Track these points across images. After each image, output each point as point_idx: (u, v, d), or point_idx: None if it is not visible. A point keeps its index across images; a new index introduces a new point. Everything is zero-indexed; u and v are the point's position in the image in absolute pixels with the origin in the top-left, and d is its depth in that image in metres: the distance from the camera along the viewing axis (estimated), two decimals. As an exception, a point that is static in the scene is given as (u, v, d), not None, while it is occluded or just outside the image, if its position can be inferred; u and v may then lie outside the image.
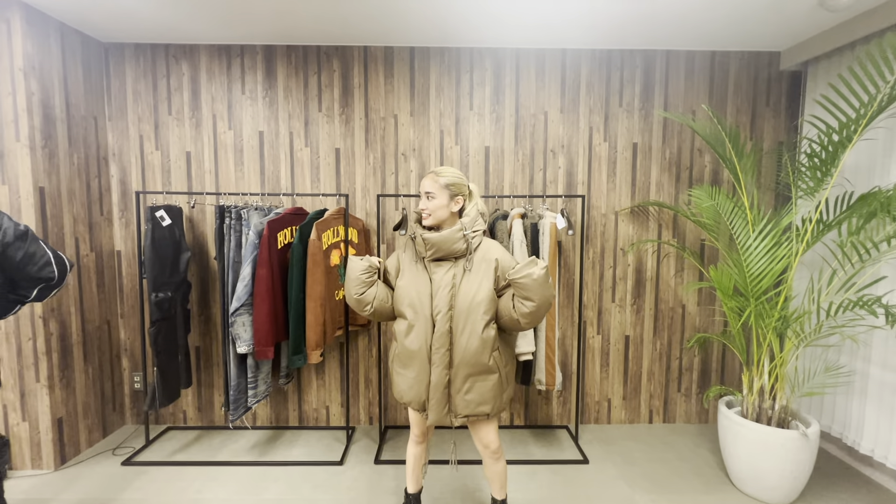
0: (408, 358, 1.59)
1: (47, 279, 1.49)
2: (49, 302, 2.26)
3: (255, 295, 2.25)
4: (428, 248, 1.55)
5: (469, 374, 1.55)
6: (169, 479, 2.26)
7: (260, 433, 2.77)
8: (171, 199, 2.69)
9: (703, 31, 2.46)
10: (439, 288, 1.54)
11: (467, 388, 1.56)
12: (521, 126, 2.73)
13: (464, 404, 1.58)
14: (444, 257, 1.56)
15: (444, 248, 1.54)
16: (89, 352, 2.55)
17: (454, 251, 1.55)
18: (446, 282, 1.54)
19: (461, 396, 1.57)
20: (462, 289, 1.53)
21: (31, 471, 2.31)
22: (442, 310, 1.52)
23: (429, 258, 1.57)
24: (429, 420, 1.61)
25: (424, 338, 1.54)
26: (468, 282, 1.54)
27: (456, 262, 1.57)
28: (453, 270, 1.56)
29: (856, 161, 2.34)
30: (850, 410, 2.34)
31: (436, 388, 1.56)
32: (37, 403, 2.28)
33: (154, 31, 2.50)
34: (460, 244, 1.54)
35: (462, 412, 1.59)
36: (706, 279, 2.78)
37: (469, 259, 1.57)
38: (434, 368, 1.55)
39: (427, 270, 1.58)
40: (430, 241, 1.53)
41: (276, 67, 2.67)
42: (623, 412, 2.92)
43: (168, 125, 2.69)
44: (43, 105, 2.24)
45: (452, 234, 1.53)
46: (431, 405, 1.58)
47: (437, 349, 1.53)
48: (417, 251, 1.61)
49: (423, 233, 1.56)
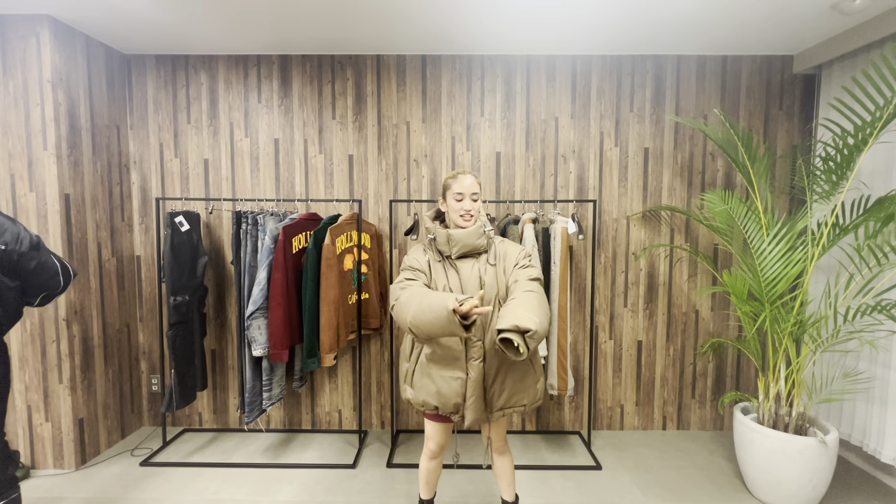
0: (441, 357, 1.55)
1: (53, 288, 1.56)
2: (72, 305, 2.33)
3: (271, 299, 2.30)
4: (453, 245, 1.57)
5: (500, 366, 1.55)
6: (185, 480, 2.30)
7: (273, 436, 2.81)
8: (190, 205, 2.76)
9: (714, 35, 2.46)
10: (468, 282, 1.57)
11: (501, 378, 1.56)
12: (532, 132, 2.75)
13: (498, 396, 1.56)
14: (467, 254, 1.60)
15: (469, 244, 1.57)
16: (109, 354, 2.61)
17: (477, 247, 1.59)
18: (474, 276, 1.57)
19: (497, 388, 1.56)
20: (488, 281, 1.56)
21: (52, 470, 2.37)
22: None
23: (455, 255, 1.59)
24: (466, 421, 1.55)
25: None
26: (493, 274, 1.58)
27: (478, 258, 1.61)
28: (478, 266, 1.59)
29: (872, 164, 2.31)
30: (871, 418, 2.29)
31: (475, 385, 1.52)
32: (59, 404, 2.35)
33: (174, 43, 2.58)
34: (482, 240, 1.60)
35: (498, 405, 1.57)
36: (720, 284, 2.75)
37: (489, 253, 1.62)
38: (471, 363, 1.52)
39: (453, 267, 1.60)
40: (457, 237, 1.57)
41: (291, 76, 2.73)
42: (636, 418, 2.89)
43: (187, 133, 2.77)
44: (69, 115, 2.33)
45: (477, 230, 1.58)
46: (470, 404, 1.53)
47: (473, 343, 1.52)
48: (440, 250, 1.62)
49: (449, 231, 1.58)
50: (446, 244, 1.58)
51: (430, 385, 1.57)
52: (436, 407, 1.58)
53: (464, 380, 1.53)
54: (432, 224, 1.64)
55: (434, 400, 1.57)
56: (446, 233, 1.58)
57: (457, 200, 1.59)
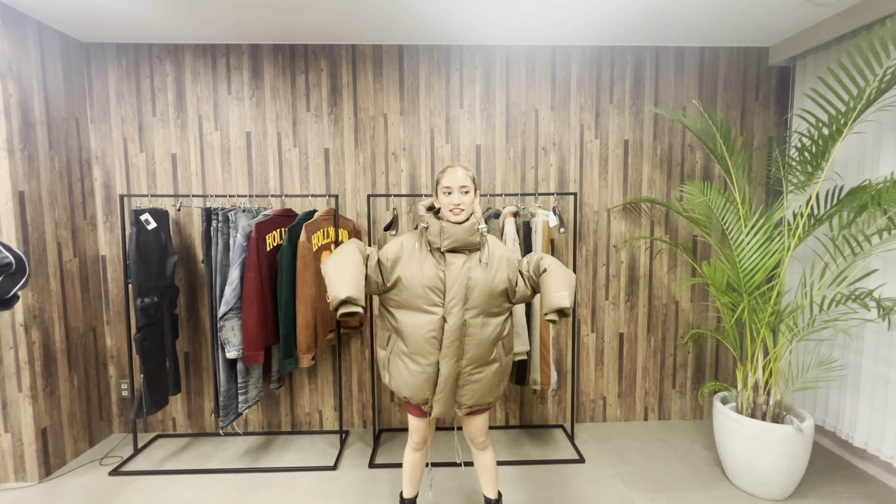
0: (417, 350, 1.54)
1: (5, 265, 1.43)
2: (30, 309, 2.20)
3: (244, 298, 2.21)
4: (445, 238, 1.51)
5: (476, 366, 1.56)
6: (158, 489, 2.21)
7: (252, 439, 2.73)
8: (157, 202, 2.63)
9: (692, 26, 2.45)
10: (455, 280, 1.50)
11: (475, 378, 1.56)
12: (512, 124, 2.71)
13: (469, 395, 1.58)
14: (458, 249, 1.54)
15: (461, 240, 1.51)
16: (74, 360, 2.48)
17: (470, 243, 1.53)
18: (462, 273, 1.51)
19: (468, 388, 1.57)
20: (479, 282, 1.51)
21: (14, 483, 2.25)
22: (458, 302, 1.50)
23: (444, 248, 1.53)
24: (433, 413, 1.59)
25: (436, 330, 1.51)
26: (484, 275, 1.52)
27: (470, 255, 1.55)
28: (468, 263, 1.53)
29: (846, 155, 2.35)
30: (844, 404, 2.35)
31: (446, 381, 1.54)
32: (20, 414, 2.22)
33: (136, 31, 2.44)
34: (476, 237, 1.54)
35: (467, 403, 1.59)
36: (699, 275, 2.78)
37: (482, 252, 1.56)
38: (444, 360, 1.52)
39: (440, 261, 1.54)
40: (449, 231, 1.51)
41: (262, 67, 2.62)
42: (618, 410, 2.91)
43: (153, 127, 2.63)
44: (21, 107, 2.18)
45: (472, 226, 1.52)
46: (439, 398, 1.56)
47: (450, 342, 1.50)
48: (430, 241, 1.56)
49: (443, 222, 1.52)
50: (438, 236, 1.53)
51: (402, 375, 1.59)
52: (406, 396, 1.61)
53: (434, 375, 1.55)
54: (426, 213, 1.58)
55: (405, 390, 1.59)
56: (439, 224, 1.52)
57: (446, 194, 1.53)
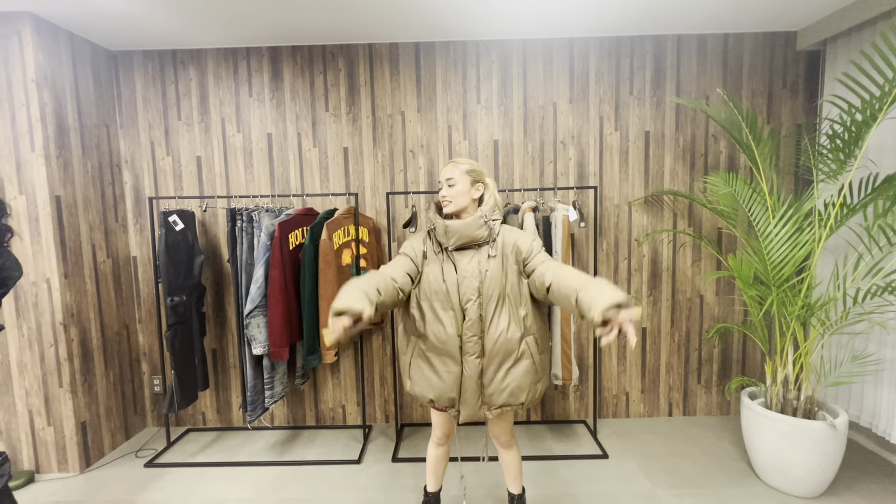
0: (436, 350, 1.52)
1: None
2: (69, 308, 2.30)
3: (269, 296, 2.26)
4: (450, 236, 1.51)
5: (502, 362, 1.51)
6: (191, 480, 2.30)
7: (278, 433, 2.80)
8: (184, 203, 2.72)
9: (715, 13, 2.38)
10: (465, 276, 1.50)
11: (501, 376, 1.52)
12: (530, 118, 2.69)
13: (498, 394, 1.53)
14: (466, 245, 1.53)
15: (466, 235, 1.50)
16: (109, 356, 2.59)
17: (476, 238, 1.51)
18: (472, 269, 1.50)
19: (495, 386, 1.52)
20: (489, 275, 1.49)
21: (57, 474, 2.36)
22: (471, 297, 1.48)
23: (451, 246, 1.52)
24: (461, 417, 1.55)
25: (454, 328, 1.49)
26: (494, 268, 1.50)
27: (479, 250, 1.53)
28: (477, 258, 1.52)
29: (880, 141, 2.25)
30: (880, 400, 2.26)
31: (469, 380, 1.51)
32: (61, 408, 2.33)
33: (161, 38, 2.52)
34: (482, 231, 1.51)
35: (496, 402, 1.54)
36: (725, 268, 2.71)
37: (492, 245, 1.53)
38: (467, 358, 1.50)
39: (450, 260, 1.54)
40: (453, 228, 1.50)
41: (282, 69, 2.67)
42: (642, 405, 2.87)
43: (178, 130, 2.71)
44: (56, 115, 2.28)
45: (475, 220, 1.50)
46: (465, 399, 1.53)
47: (468, 338, 1.49)
48: (439, 241, 1.56)
49: (446, 221, 1.52)
50: (444, 235, 1.52)
51: (425, 378, 1.56)
52: (432, 399, 1.57)
53: (458, 375, 1.52)
54: (434, 214, 1.58)
55: (429, 393, 1.56)
56: (444, 223, 1.51)
57: (439, 190, 1.57)
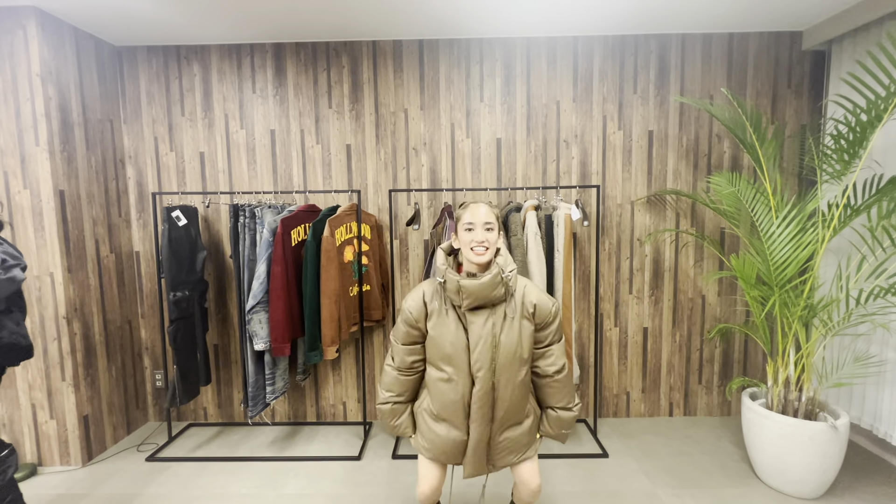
0: (444, 413, 1.44)
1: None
2: (72, 302, 2.31)
3: (271, 292, 2.27)
4: (465, 297, 1.34)
5: (508, 426, 1.46)
6: (192, 475, 2.31)
7: (279, 429, 2.81)
8: (187, 199, 2.73)
9: (720, 12, 2.37)
10: (479, 340, 1.36)
11: (504, 437, 1.46)
12: (533, 117, 2.69)
13: (502, 455, 1.48)
14: (482, 305, 1.37)
15: (483, 297, 1.34)
16: (112, 351, 2.60)
17: (493, 299, 1.35)
18: (486, 333, 1.36)
19: (501, 447, 1.47)
20: (504, 340, 1.37)
21: (59, 467, 2.38)
22: (484, 365, 1.36)
23: (465, 308, 1.36)
24: (465, 474, 1.48)
25: (462, 393, 1.40)
26: (510, 331, 1.38)
27: (494, 309, 1.38)
28: (492, 319, 1.37)
29: (885, 143, 2.24)
30: (882, 401, 2.26)
31: (477, 445, 1.43)
32: (63, 402, 2.34)
33: (165, 33, 2.52)
34: (500, 290, 1.35)
35: (500, 464, 1.49)
36: (727, 268, 2.70)
37: (510, 304, 1.39)
38: (474, 425, 1.41)
39: (462, 320, 1.39)
40: (468, 289, 1.32)
41: (285, 65, 2.67)
42: (642, 405, 2.87)
43: (181, 126, 2.72)
44: (61, 109, 2.28)
45: (493, 280, 1.33)
46: (470, 460, 1.45)
47: (478, 407, 1.39)
48: (450, 298, 1.39)
49: (460, 279, 1.33)
50: (457, 294, 1.35)
51: (429, 435, 1.49)
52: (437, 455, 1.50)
53: (464, 439, 1.45)
54: (444, 264, 1.40)
55: (434, 451, 1.49)
56: (457, 282, 1.33)
57: (467, 231, 1.37)
